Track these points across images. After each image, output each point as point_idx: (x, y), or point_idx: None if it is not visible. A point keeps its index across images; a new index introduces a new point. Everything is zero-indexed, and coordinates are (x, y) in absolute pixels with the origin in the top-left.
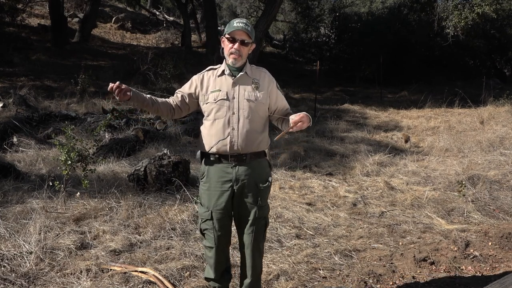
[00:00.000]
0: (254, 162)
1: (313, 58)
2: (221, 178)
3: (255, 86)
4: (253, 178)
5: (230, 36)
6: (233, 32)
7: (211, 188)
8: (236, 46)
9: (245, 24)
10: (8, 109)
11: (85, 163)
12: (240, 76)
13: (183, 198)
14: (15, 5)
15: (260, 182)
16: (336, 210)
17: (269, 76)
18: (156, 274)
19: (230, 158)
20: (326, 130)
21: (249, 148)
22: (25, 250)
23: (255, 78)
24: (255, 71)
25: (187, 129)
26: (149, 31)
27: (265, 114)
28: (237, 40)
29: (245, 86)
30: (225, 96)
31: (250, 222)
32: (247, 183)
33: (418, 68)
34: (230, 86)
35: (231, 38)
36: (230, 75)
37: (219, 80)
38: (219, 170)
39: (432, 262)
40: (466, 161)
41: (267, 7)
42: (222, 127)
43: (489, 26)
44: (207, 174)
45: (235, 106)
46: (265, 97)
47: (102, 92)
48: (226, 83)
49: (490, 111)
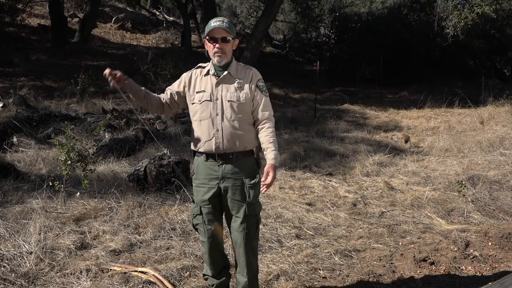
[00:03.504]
0: (242, 160)
1: (313, 58)
2: (208, 175)
3: (238, 86)
4: (240, 176)
5: (210, 36)
6: (212, 32)
7: (200, 184)
8: (218, 45)
9: (221, 21)
10: (8, 109)
11: (85, 163)
12: (224, 76)
13: (183, 198)
14: (15, 5)
15: (248, 179)
16: (336, 210)
17: (255, 75)
18: (156, 274)
19: (217, 157)
20: (326, 130)
21: (235, 147)
22: (25, 250)
23: (239, 78)
24: (240, 70)
25: (187, 129)
26: (149, 31)
27: (250, 114)
28: (217, 38)
29: (228, 86)
30: (209, 97)
31: (241, 219)
32: (234, 181)
33: (418, 68)
34: (214, 87)
35: (212, 38)
36: (215, 74)
37: (205, 80)
38: (207, 168)
39: (432, 262)
40: (466, 161)
41: (267, 7)
42: (207, 128)
43: (489, 26)
44: (197, 171)
45: (218, 107)
46: (248, 97)
47: (102, 92)
48: (210, 83)
49: (490, 111)
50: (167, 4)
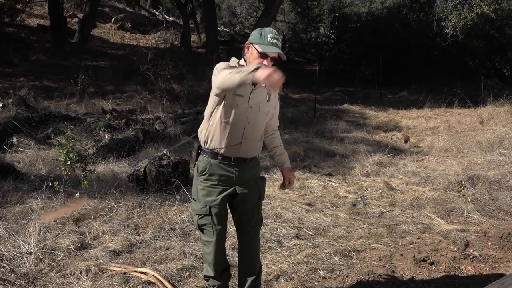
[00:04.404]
0: (253, 161)
1: (313, 58)
2: (222, 176)
3: (267, 98)
4: (253, 176)
5: (262, 51)
6: (268, 49)
7: (213, 186)
8: (266, 62)
9: (278, 41)
10: (7, 110)
11: (85, 163)
12: (259, 87)
13: (183, 199)
14: (14, 5)
15: (258, 178)
16: (336, 210)
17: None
18: (156, 274)
19: (233, 161)
20: (325, 130)
21: (254, 153)
22: (25, 250)
23: (268, 90)
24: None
25: (186, 129)
26: (148, 31)
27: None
28: (269, 57)
29: (261, 97)
30: (246, 104)
31: (256, 217)
32: (249, 181)
33: (417, 68)
34: (249, 95)
35: (264, 55)
36: (252, 84)
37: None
38: (221, 169)
39: (431, 262)
40: (466, 161)
41: (267, 7)
42: (236, 134)
43: (488, 26)
44: (209, 171)
45: (251, 116)
46: (273, 110)
47: (102, 93)
48: (246, 90)
49: (489, 111)
50: (167, 4)
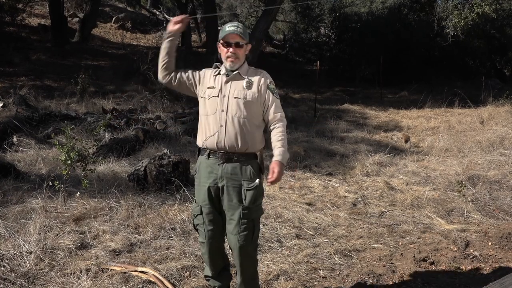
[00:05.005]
0: (243, 162)
1: (313, 58)
2: (209, 173)
3: (247, 85)
4: (239, 178)
5: (224, 41)
6: (227, 37)
7: (201, 184)
8: (231, 49)
9: (236, 26)
10: (8, 109)
11: (85, 163)
12: (233, 75)
13: (183, 198)
14: (15, 5)
15: (246, 182)
16: (336, 210)
17: (265, 77)
18: (156, 274)
19: (218, 155)
20: (326, 130)
21: (237, 147)
22: (25, 250)
23: (249, 78)
24: (252, 72)
25: (187, 129)
26: (149, 31)
27: (258, 115)
28: (231, 43)
29: (236, 84)
30: (216, 94)
31: (235, 222)
32: (233, 182)
33: (418, 68)
34: (223, 84)
35: (226, 43)
36: (226, 74)
37: (216, 78)
38: (208, 166)
39: (432, 262)
40: (466, 161)
41: (267, 7)
42: (212, 124)
43: (489, 26)
44: (198, 170)
45: (225, 103)
46: (255, 97)
47: (102, 92)
48: (220, 81)
49: (490, 111)
50: (167, 4)
